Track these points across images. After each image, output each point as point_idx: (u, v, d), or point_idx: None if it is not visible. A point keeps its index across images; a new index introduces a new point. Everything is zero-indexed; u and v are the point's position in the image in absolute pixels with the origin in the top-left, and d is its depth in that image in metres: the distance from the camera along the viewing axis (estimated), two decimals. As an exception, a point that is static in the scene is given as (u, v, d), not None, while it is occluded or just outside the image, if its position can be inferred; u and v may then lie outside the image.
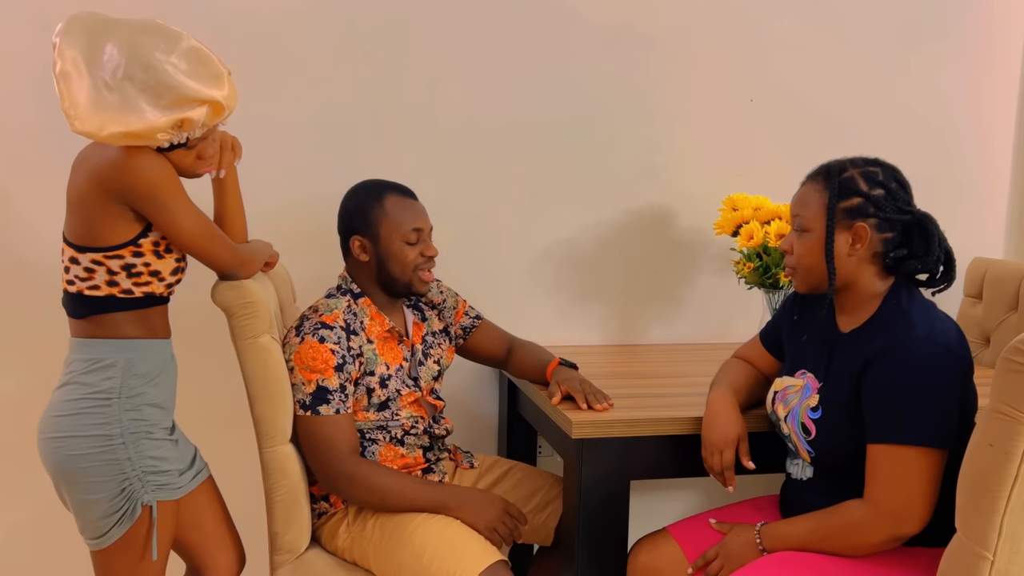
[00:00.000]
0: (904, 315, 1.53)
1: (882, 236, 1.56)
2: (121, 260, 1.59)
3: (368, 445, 1.88)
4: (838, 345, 1.62)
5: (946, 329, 1.51)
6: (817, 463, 1.62)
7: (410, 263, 1.87)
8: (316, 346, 1.78)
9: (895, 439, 1.46)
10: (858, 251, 1.56)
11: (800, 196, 1.63)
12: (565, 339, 2.51)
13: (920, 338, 1.49)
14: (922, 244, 1.56)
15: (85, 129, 1.48)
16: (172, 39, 1.53)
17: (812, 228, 1.59)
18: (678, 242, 2.57)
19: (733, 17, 2.52)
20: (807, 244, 1.60)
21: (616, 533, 1.77)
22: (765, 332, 1.87)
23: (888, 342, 1.50)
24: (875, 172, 1.57)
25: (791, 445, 1.67)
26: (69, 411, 1.58)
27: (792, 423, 1.64)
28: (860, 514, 1.49)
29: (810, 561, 1.52)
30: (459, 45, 2.37)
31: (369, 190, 1.91)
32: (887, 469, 1.47)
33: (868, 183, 1.55)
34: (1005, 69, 2.70)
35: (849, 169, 1.58)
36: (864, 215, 1.55)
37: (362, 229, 1.88)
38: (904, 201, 1.56)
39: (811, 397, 1.61)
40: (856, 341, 1.58)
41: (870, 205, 1.54)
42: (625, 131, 2.50)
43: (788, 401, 1.66)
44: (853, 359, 1.55)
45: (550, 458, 2.52)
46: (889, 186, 1.56)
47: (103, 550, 1.61)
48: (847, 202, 1.55)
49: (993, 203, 2.74)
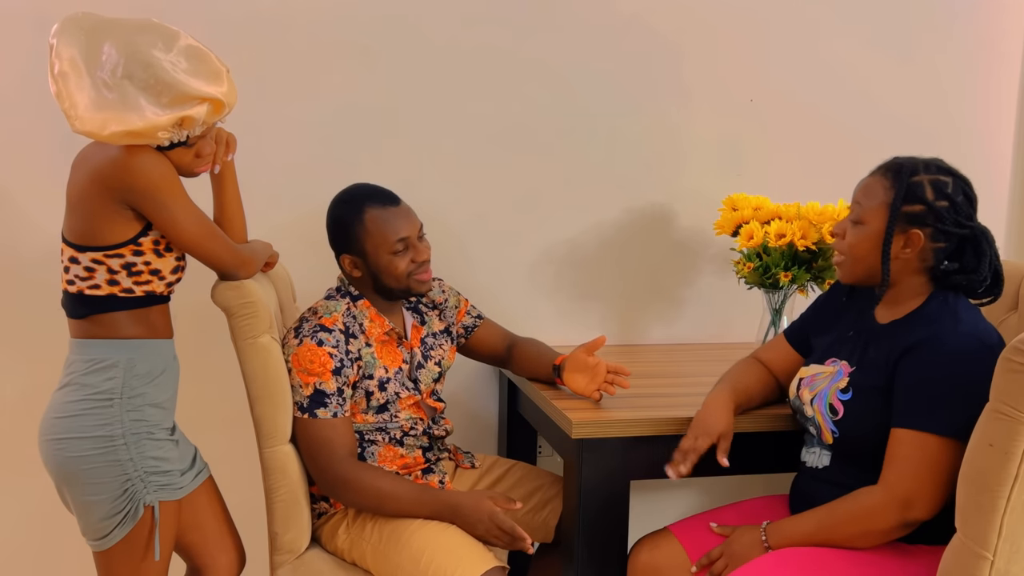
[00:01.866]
0: (951, 311, 1.55)
1: (935, 246, 1.56)
2: (121, 259, 1.59)
3: (367, 446, 1.88)
4: (875, 335, 1.62)
5: (989, 330, 1.53)
6: (837, 446, 1.62)
7: (402, 272, 1.85)
8: (314, 349, 1.78)
9: (921, 426, 1.47)
10: (907, 254, 1.57)
11: (865, 186, 1.63)
12: (565, 339, 2.51)
13: (964, 332, 1.51)
14: (973, 260, 1.57)
15: (86, 129, 1.48)
16: (170, 37, 1.53)
17: (868, 222, 1.59)
18: (678, 242, 2.57)
19: (733, 17, 2.52)
20: (859, 235, 1.60)
21: (616, 533, 1.77)
22: (792, 328, 1.88)
23: (930, 332, 1.52)
24: (945, 183, 1.56)
25: (813, 428, 1.67)
26: (70, 412, 1.58)
27: (819, 404, 1.64)
28: (872, 498, 1.50)
29: (812, 558, 1.52)
30: (459, 45, 2.37)
31: (347, 204, 1.87)
32: (907, 453, 1.48)
33: (935, 193, 1.55)
34: (1005, 69, 2.70)
35: (921, 174, 1.57)
36: (922, 223, 1.55)
37: (349, 247, 1.86)
38: (966, 216, 1.56)
39: (841, 380, 1.62)
40: (895, 332, 1.59)
41: (931, 215, 1.54)
42: (625, 131, 2.50)
43: (815, 386, 1.66)
44: (890, 348, 1.56)
45: (550, 458, 2.52)
46: (956, 199, 1.55)
47: (106, 551, 1.61)
48: (910, 207, 1.55)
49: (993, 203, 2.74)
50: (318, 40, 2.29)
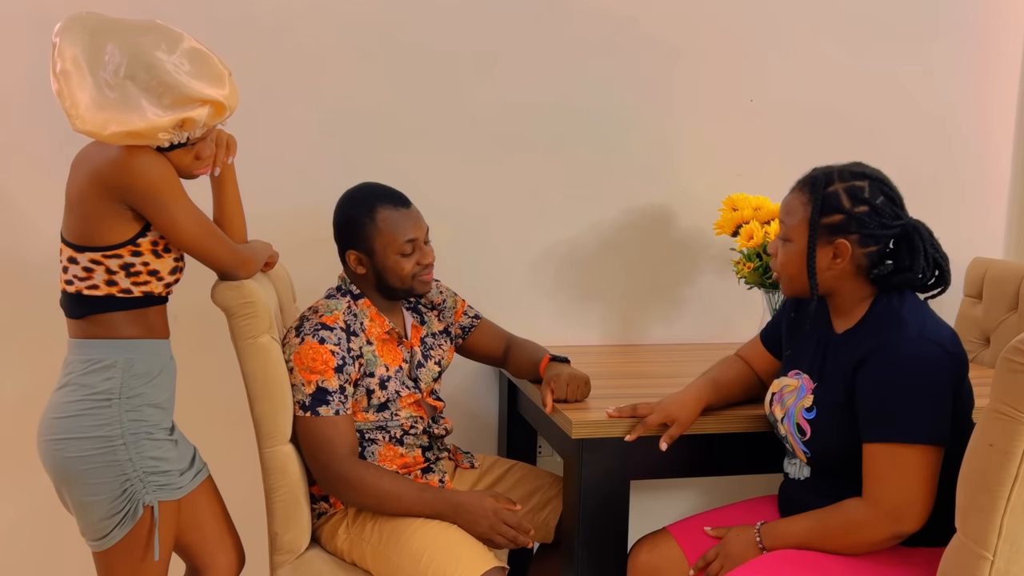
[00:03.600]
0: (895, 315, 1.53)
1: (865, 250, 1.55)
2: (120, 259, 1.59)
3: (367, 445, 1.88)
4: (832, 346, 1.62)
5: (937, 327, 1.52)
6: (813, 463, 1.62)
7: (408, 274, 1.86)
8: (316, 347, 1.78)
9: (890, 437, 1.47)
10: (839, 264, 1.56)
11: (786, 204, 1.63)
12: (565, 339, 2.51)
13: (911, 336, 1.49)
14: (907, 258, 1.55)
15: (86, 128, 1.48)
16: (173, 39, 1.54)
17: (794, 239, 1.59)
18: (678, 242, 2.57)
19: (733, 17, 2.52)
20: (789, 253, 1.60)
21: (616, 533, 1.77)
22: (765, 331, 1.87)
23: (879, 341, 1.50)
24: (860, 188, 1.54)
25: (788, 446, 1.67)
26: (69, 413, 1.58)
27: (788, 424, 1.64)
28: (859, 513, 1.49)
29: (809, 559, 1.52)
30: (459, 46, 2.37)
31: (360, 202, 1.87)
32: (884, 467, 1.47)
33: (852, 200, 1.53)
34: (1005, 69, 2.70)
35: (835, 183, 1.55)
36: (846, 232, 1.54)
37: (356, 244, 1.86)
38: (890, 215, 1.54)
39: (806, 397, 1.61)
40: (849, 341, 1.58)
41: (853, 222, 1.53)
42: (625, 131, 2.50)
43: (784, 402, 1.66)
44: (846, 359, 1.56)
45: (550, 458, 2.52)
46: (874, 202, 1.53)
47: (105, 551, 1.61)
48: (829, 218, 1.54)
49: (993, 203, 2.74)
50: (318, 41, 2.29)
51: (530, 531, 1.77)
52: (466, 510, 1.76)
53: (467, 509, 1.76)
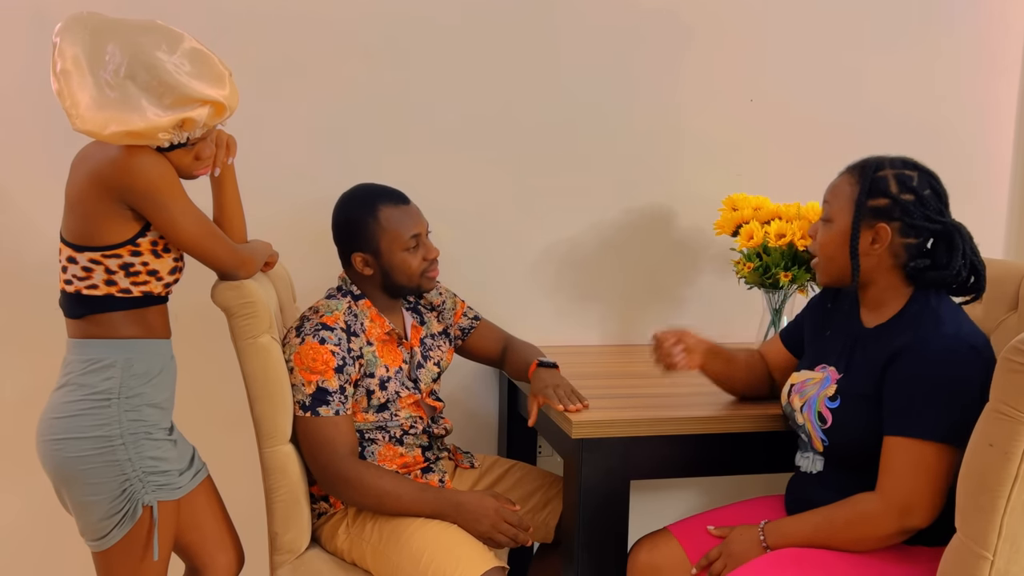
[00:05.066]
0: (932, 313, 1.54)
1: (904, 241, 1.55)
2: (119, 259, 1.59)
3: (367, 445, 1.88)
4: (861, 340, 1.62)
5: (973, 331, 1.52)
6: (829, 453, 1.61)
7: (416, 271, 1.87)
8: (316, 347, 1.78)
9: (913, 433, 1.47)
10: (876, 250, 1.56)
11: (833, 186, 1.64)
12: (565, 339, 2.51)
13: (946, 335, 1.49)
14: (945, 256, 1.56)
15: (86, 128, 1.48)
16: (174, 39, 1.54)
17: (836, 219, 1.60)
18: (678, 242, 2.57)
19: (733, 17, 2.52)
20: (829, 233, 1.61)
21: (616, 533, 1.77)
22: (786, 329, 1.89)
23: (915, 337, 1.51)
24: (910, 176, 1.56)
25: (804, 435, 1.67)
26: (68, 413, 1.58)
27: (808, 412, 1.64)
28: (870, 506, 1.50)
29: (812, 558, 1.52)
30: (459, 45, 2.37)
31: (361, 203, 1.88)
32: (901, 462, 1.47)
33: (900, 186, 1.55)
34: (1005, 69, 2.70)
35: (885, 168, 1.57)
36: (889, 217, 1.55)
37: (361, 245, 1.86)
38: (935, 210, 1.56)
39: (829, 387, 1.62)
40: (880, 336, 1.58)
41: (897, 208, 1.54)
42: (625, 131, 2.49)
43: (805, 392, 1.66)
44: (877, 353, 1.56)
45: (550, 458, 2.52)
46: (921, 193, 1.55)
47: (104, 551, 1.61)
48: (875, 201, 1.55)
49: (993, 203, 2.74)
50: (319, 40, 2.29)
51: (530, 528, 1.78)
52: (467, 509, 1.76)
53: (468, 508, 1.76)
